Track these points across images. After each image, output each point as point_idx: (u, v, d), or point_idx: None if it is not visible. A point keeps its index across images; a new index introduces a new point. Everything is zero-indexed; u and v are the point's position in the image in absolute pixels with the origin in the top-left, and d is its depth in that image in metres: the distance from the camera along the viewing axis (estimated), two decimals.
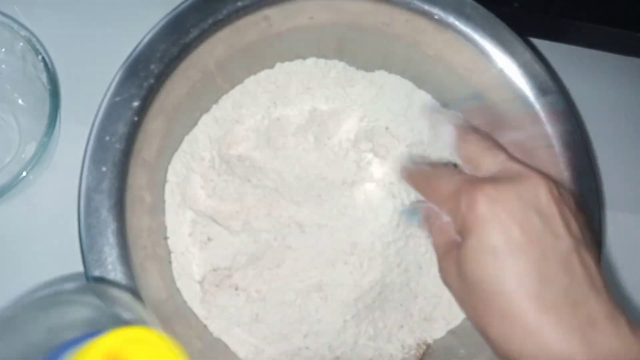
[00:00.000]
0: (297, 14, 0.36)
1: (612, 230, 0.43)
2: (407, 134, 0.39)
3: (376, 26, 0.37)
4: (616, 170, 0.46)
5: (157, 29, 0.33)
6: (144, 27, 0.33)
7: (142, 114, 0.32)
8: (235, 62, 0.37)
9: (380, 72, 0.41)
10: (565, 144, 0.34)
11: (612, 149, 0.46)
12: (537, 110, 0.35)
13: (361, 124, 0.40)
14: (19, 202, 0.37)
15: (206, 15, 0.33)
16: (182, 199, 0.37)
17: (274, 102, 0.39)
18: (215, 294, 0.36)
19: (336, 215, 0.38)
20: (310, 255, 0.37)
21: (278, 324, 0.36)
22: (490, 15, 0.36)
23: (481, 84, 0.37)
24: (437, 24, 0.35)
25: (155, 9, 0.35)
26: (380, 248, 0.37)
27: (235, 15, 0.34)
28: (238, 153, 0.39)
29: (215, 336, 0.36)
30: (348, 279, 0.36)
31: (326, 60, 0.40)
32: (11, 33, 0.35)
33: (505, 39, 0.35)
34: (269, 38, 0.37)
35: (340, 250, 0.37)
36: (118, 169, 0.31)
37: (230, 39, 0.35)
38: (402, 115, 0.40)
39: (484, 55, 0.36)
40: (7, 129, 0.39)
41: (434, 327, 0.38)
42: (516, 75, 0.35)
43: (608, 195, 0.45)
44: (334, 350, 0.36)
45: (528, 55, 0.36)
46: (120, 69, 0.32)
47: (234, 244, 0.36)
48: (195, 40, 0.33)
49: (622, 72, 0.49)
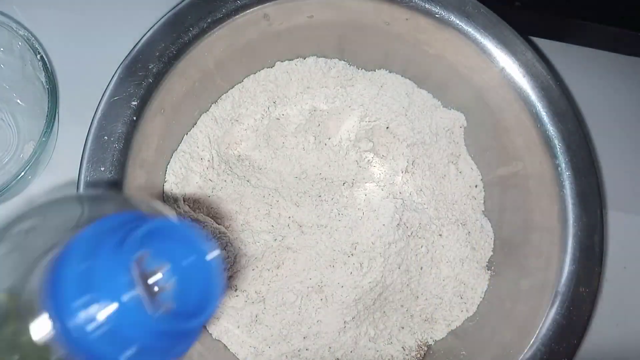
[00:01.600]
0: (297, 12, 0.36)
1: (613, 230, 0.43)
2: (407, 133, 0.39)
3: (377, 25, 0.37)
4: (617, 169, 0.45)
5: (155, 27, 0.33)
6: (142, 26, 0.33)
7: (140, 113, 0.31)
8: (234, 61, 0.37)
9: (381, 71, 0.41)
10: (566, 143, 0.34)
11: (613, 148, 0.46)
12: (539, 110, 0.35)
13: (361, 123, 0.40)
14: (17, 202, 0.37)
15: (205, 14, 0.33)
16: (181, 199, 0.36)
17: (273, 101, 0.39)
18: None
19: (336, 216, 0.38)
20: (310, 256, 0.37)
21: (277, 325, 0.36)
22: (491, 14, 0.35)
23: (482, 83, 0.37)
24: (438, 22, 0.35)
25: (154, 8, 0.34)
26: (380, 248, 0.36)
27: (234, 13, 0.34)
28: (237, 153, 0.39)
29: (214, 337, 0.36)
30: (348, 279, 0.36)
31: (326, 59, 0.40)
32: (10, 32, 0.35)
33: (506, 38, 0.35)
34: (268, 37, 0.37)
35: (340, 251, 0.37)
36: (116, 168, 0.30)
37: (230, 38, 0.35)
38: (402, 114, 0.40)
39: (485, 54, 0.35)
40: (6, 128, 0.39)
41: (435, 328, 0.38)
42: (517, 75, 0.35)
43: (609, 195, 0.44)
44: (334, 351, 0.36)
45: (529, 55, 0.35)
46: (119, 68, 0.32)
47: (233, 244, 0.36)
48: (194, 39, 0.33)
49: (624, 71, 0.49)
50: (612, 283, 0.42)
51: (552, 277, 0.33)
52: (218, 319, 0.36)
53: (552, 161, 0.34)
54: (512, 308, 0.35)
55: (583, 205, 0.34)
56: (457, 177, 0.40)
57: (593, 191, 0.34)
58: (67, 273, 0.13)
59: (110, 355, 0.13)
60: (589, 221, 0.33)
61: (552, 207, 0.34)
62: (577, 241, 0.33)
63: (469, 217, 0.39)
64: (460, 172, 0.40)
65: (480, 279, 0.38)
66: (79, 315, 0.13)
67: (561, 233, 0.33)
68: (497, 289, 0.38)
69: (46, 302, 0.13)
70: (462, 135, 0.41)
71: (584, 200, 0.34)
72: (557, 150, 0.34)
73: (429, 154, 0.40)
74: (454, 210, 0.39)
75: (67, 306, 0.13)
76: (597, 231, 0.33)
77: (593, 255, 0.33)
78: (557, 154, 0.34)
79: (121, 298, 0.13)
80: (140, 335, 0.14)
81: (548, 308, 0.32)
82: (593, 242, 0.33)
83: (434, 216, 0.39)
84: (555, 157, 0.34)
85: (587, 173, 0.34)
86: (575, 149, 0.34)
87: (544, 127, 0.35)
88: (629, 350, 0.42)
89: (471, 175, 0.40)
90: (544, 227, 0.35)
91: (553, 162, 0.34)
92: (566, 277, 0.33)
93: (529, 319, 0.33)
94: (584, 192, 0.34)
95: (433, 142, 0.40)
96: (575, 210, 0.33)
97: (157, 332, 0.14)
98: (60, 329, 0.13)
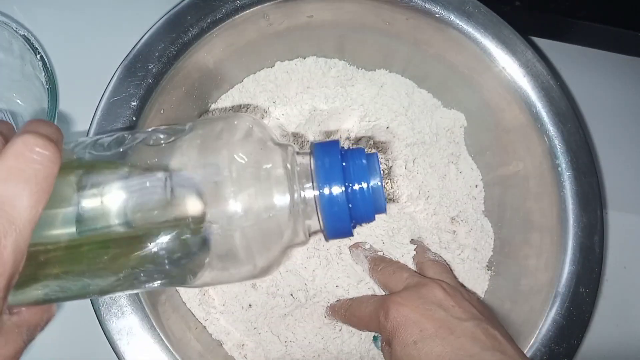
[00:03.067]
0: (297, 12, 0.36)
1: (614, 230, 0.43)
2: (407, 133, 0.39)
3: (377, 25, 0.37)
4: (617, 170, 0.45)
5: (155, 28, 0.32)
6: (142, 26, 0.33)
7: (140, 113, 0.31)
8: (234, 61, 0.37)
9: (381, 71, 0.41)
10: (566, 143, 0.34)
11: (613, 148, 0.46)
12: (539, 110, 0.35)
13: (361, 123, 0.40)
14: None
15: (205, 14, 0.33)
16: None
17: (273, 101, 0.39)
18: (214, 295, 0.36)
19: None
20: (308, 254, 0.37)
21: (276, 328, 0.36)
22: (491, 13, 0.35)
23: (482, 83, 0.37)
24: (438, 22, 0.35)
25: (154, 8, 0.34)
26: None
27: (234, 13, 0.33)
28: None
29: (214, 338, 0.36)
30: (344, 281, 0.36)
31: (326, 59, 0.40)
32: (10, 32, 0.35)
33: (506, 38, 0.35)
34: (268, 37, 0.37)
35: (332, 251, 0.37)
36: None
37: (229, 38, 0.35)
38: (402, 114, 0.40)
39: (485, 54, 0.35)
40: None
41: None
42: (517, 74, 0.35)
43: (609, 195, 0.44)
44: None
45: (529, 54, 0.35)
46: (119, 68, 0.32)
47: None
48: (194, 39, 0.33)
49: (624, 71, 0.49)
50: (612, 283, 0.42)
51: (552, 277, 0.33)
52: (218, 319, 0.36)
53: (553, 161, 0.34)
54: (512, 308, 0.35)
55: (583, 205, 0.34)
56: (458, 177, 0.40)
57: (593, 191, 0.34)
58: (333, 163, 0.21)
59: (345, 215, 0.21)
60: (589, 221, 0.33)
61: (552, 207, 0.34)
62: (577, 241, 0.33)
63: (469, 217, 0.39)
64: (461, 172, 0.40)
65: (480, 279, 0.38)
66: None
67: (561, 233, 0.33)
68: (497, 289, 0.38)
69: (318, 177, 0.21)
70: (462, 135, 0.41)
71: (584, 201, 0.34)
72: (557, 150, 0.34)
73: (429, 154, 0.39)
74: (454, 210, 0.39)
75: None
76: (597, 231, 0.33)
77: (593, 255, 0.33)
78: (557, 154, 0.34)
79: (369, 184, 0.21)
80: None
81: (548, 308, 0.32)
82: (593, 242, 0.33)
83: (433, 216, 0.39)
84: (555, 157, 0.34)
85: (587, 173, 0.34)
86: (575, 149, 0.34)
87: (544, 127, 0.35)
88: (629, 350, 0.42)
89: (471, 175, 0.40)
90: (544, 227, 0.35)
91: (553, 162, 0.34)
92: (566, 277, 0.33)
93: (529, 319, 0.33)
94: (584, 192, 0.34)
95: (433, 142, 0.40)
96: (575, 211, 0.33)
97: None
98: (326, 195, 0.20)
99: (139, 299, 0.30)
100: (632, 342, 0.42)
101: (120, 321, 0.29)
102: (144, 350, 0.29)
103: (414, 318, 0.29)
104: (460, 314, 0.29)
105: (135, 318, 0.30)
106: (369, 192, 0.21)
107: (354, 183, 0.21)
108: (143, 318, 0.30)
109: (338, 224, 0.21)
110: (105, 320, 0.29)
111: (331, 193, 0.20)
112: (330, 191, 0.20)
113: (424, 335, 0.28)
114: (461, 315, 0.29)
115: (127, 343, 0.29)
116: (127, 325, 0.29)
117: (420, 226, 0.38)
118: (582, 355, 0.33)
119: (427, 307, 0.29)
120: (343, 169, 0.21)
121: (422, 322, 0.28)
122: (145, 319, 0.30)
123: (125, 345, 0.29)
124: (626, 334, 0.42)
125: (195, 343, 0.33)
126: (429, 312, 0.29)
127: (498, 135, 0.38)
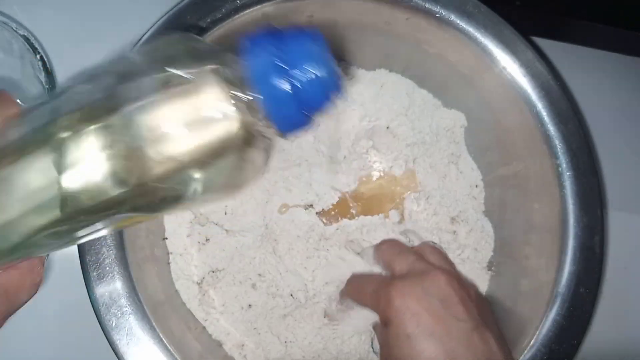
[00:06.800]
0: (297, 12, 0.36)
1: (613, 230, 0.43)
2: (408, 133, 0.39)
3: (377, 24, 0.37)
4: (617, 169, 0.45)
5: (155, 27, 0.32)
6: (142, 25, 0.33)
7: None
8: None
9: (381, 71, 0.41)
10: (566, 143, 0.34)
11: (613, 148, 0.46)
12: (539, 110, 0.35)
13: (362, 123, 0.40)
14: None
15: (205, 14, 0.33)
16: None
17: None
18: (214, 295, 0.36)
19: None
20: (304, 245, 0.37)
21: (276, 328, 0.36)
22: (492, 13, 0.35)
23: (483, 83, 0.37)
24: (439, 22, 0.35)
25: (154, 7, 0.34)
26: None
27: (234, 13, 0.33)
28: None
29: (214, 338, 0.35)
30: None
31: None
32: (10, 32, 0.35)
33: (507, 38, 0.35)
34: None
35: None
36: None
37: (230, 38, 0.35)
38: (403, 114, 0.40)
39: (485, 53, 0.35)
40: None
41: None
42: (518, 74, 0.35)
43: (609, 195, 0.44)
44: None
45: (530, 54, 0.35)
46: None
47: (231, 244, 0.36)
48: None
49: (624, 71, 0.49)
50: (612, 283, 0.42)
51: (552, 277, 0.33)
52: (217, 319, 0.36)
53: (553, 161, 0.34)
54: (512, 308, 0.35)
55: (583, 205, 0.34)
56: (458, 177, 0.40)
57: (593, 191, 0.34)
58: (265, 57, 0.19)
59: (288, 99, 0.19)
60: (589, 221, 0.33)
61: (552, 208, 0.34)
62: (578, 241, 0.33)
63: (469, 217, 0.39)
64: (461, 172, 0.40)
65: (481, 279, 0.38)
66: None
67: (561, 233, 0.33)
68: (497, 289, 0.38)
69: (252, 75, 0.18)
70: (462, 135, 0.41)
71: (585, 201, 0.34)
72: (558, 150, 0.34)
73: (430, 154, 0.39)
74: (454, 210, 0.39)
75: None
76: (598, 231, 0.33)
77: (593, 255, 0.33)
78: (558, 154, 0.34)
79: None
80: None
81: (548, 308, 0.32)
82: (593, 242, 0.33)
83: (433, 216, 0.39)
84: (555, 157, 0.34)
85: (587, 173, 0.34)
86: (575, 149, 0.34)
87: (545, 127, 0.35)
88: (629, 350, 0.42)
89: (472, 175, 0.40)
90: (545, 227, 0.35)
91: (553, 162, 0.34)
92: (566, 277, 0.33)
93: (529, 319, 0.33)
94: (584, 192, 0.34)
95: (433, 142, 0.40)
96: (575, 211, 0.33)
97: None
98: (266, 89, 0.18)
99: (138, 299, 0.30)
100: (632, 343, 0.42)
101: (120, 321, 0.29)
102: (144, 351, 0.29)
103: (414, 310, 0.28)
104: (460, 314, 0.29)
105: (135, 318, 0.30)
106: (309, 60, 0.19)
107: (288, 57, 0.19)
108: (143, 318, 0.30)
109: (283, 110, 0.19)
110: (105, 320, 0.29)
111: (264, 72, 0.18)
112: (261, 67, 0.18)
113: (420, 331, 0.28)
114: (461, 315, 0.29)
115: (126, 343, 0.29)
116: (127, 326, 0.29)
117: (420, 226, 0.38)
118: (582, 356, 0.33)
119: (429, 300, 0.29)
120: (276, 47, 0.19)
121: (421, 315, 0.28)
122: (145, 319, 0.30)
123: (125, 346, 0.29)
124: (627, 334, 0.42)
125: (195, 343, 0.33)
126: (430, 306, 0.28)
127: (498, 135, 0.38)
